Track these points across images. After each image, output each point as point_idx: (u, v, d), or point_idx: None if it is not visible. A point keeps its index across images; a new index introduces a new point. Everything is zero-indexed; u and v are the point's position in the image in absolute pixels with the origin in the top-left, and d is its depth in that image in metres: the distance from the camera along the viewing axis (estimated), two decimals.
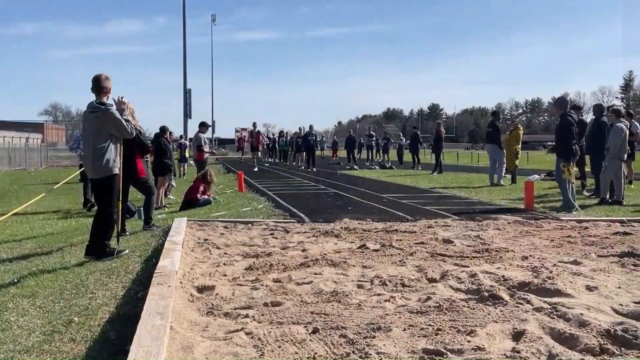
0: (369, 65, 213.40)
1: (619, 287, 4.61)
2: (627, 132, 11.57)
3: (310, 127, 27.45)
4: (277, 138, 39.00)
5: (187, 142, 27.22)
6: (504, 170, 16.68)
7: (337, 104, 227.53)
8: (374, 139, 33.90)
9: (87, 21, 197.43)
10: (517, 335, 3.42)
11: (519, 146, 17.19)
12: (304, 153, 27.61)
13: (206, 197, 12.03)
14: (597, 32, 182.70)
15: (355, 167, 27.90)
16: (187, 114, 41.63)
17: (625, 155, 11.54)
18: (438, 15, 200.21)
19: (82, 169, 10.57)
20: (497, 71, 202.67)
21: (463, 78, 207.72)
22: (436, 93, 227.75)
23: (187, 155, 25.72)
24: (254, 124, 27.83)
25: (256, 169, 25.92)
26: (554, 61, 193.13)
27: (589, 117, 17.24)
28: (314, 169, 25.58)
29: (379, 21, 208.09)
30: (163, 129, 13.09)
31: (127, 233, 8.20)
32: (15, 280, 5.59)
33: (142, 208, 9.16)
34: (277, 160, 37.87)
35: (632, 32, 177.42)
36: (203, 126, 16.24)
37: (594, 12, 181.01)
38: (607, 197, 11.36)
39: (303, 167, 27.35)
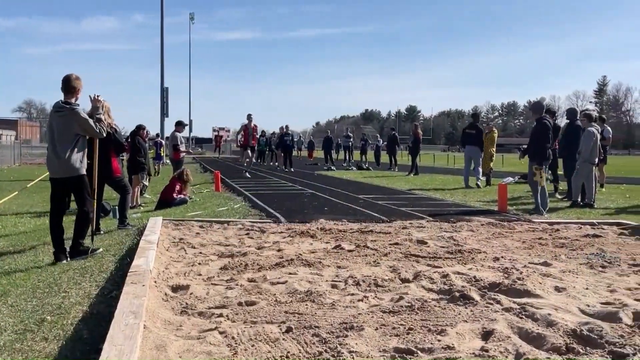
0: (348, 67, 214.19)
1: (587, 288, 4.71)
2: (599, 136, 11.78)
3: (287, 127, 27.45)
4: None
5: (163, 141, 27.09)
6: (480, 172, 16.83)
7: (315, 104, 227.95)
8: (351, 140, 34.03)
9: (63, 18, 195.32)
10: (486, 335, 3.49)
11: (494, 149, 17.40)
12: (282, 153, 27.60)
13: (182, 196, 11.99)
14: (572, 36, 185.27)
15: (332, 167, 27.97)
16: (164, 113, 41.37)
17: (597, 159, 11.76)
18: (417, 18, 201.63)
19: None
20: (474, 74, 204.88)
21: (440, 80, 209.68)
22: (414, 95, 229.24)
23: (162, 153, 25.59)
24: (249, 116, 20.04)
25: (248, 175, 20.32)
26: (530, 65, 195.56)
27: (563, 121, 17.46)
28: (291, 169, 25.59)
29: (358, 23, 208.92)
30: (139, 127, 13.02)
31: (102, 232, 8.16)
32: None
33: (116, 207, 9.11)
34: (254, 160, 37.76)
35: (607, 37, 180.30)
36: (179, 125, 16.16)
37: (570, 18, 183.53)
38: (579, 200, 11.57)
39: (280, 168, 27.33)
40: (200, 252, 6.43)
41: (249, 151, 20.68)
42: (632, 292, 4.61)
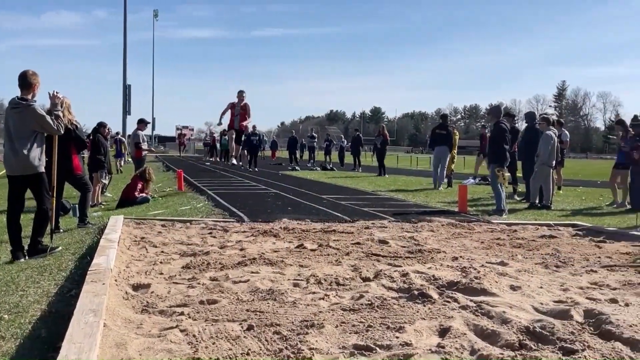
0: (313, 67, 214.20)
1: (541, 287, 4.86)
2: (556, 139, 12.09)
3: (254, 127, 27.37)
4: (218, 137, 38.88)
5: (125, 139, 26.82)
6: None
7: (280, 104, 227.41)
8: (316, 140, 34.13)
9: (22, 12, 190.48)
10: (443, 332, 3.58)
11: (455, 151, 17.64)
12: (246, 153, 27.51)
13: (144, 195, 11.90)
14: (534, 42, 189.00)
15: (296, 167, 28.01)
16: (126, 111, 40.91)
17: (554, 162, 12.06)
18: (381, 20, 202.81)
19: None
20: (437, 77, 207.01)
21: (404, 82, 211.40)
22: (378, 96, 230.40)
23: (123, 151, 25.31)
24: (240, 93, 15.32)
25: (234, 162, 16.46)
26: (492, 69, 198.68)
27: (523, 125, 17.80)
28: (256, 169, 25.54)
29: (324, 24, 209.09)
30: (100, 125, 12.86)
31: (61, 230, 8.04)
32: None
33: (76, 205, 8.99)
34: (217, 159, 37.66)
35: (566, 44, 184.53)
36: (141, 123, 16.02)
37: (531, 24, 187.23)
38: (536, 201, 11.85)
39: (244, 167, 27.23)
40: (162, 251, 6.39)
41: (237, 144, 15.74)
42: (584, 291, 4.77)
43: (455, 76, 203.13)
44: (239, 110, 15.44)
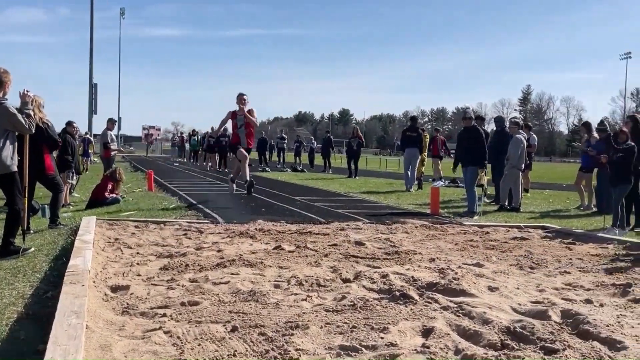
0: (281, 68, 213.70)
1: (518, 288, 4.95)
2: (525, 143, 12.31)
3: (225, 129, 27.21)
4: (188, 137, 38.64)
5: (92, 138, 26.46)
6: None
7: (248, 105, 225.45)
8: (286, 141, 34.11)
9: None
10: (427, 332, 3.63)
11: (425, 153, 17.80)
12: (217, 154, 27.41)
13: (114, 195, 11.73)
14: (499, 46, 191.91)
15: (266, 169, 27.94)
16: (92, 110, 40.30)
17: (523, 165, 12.28)
18: (349, 22, 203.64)
19: None
20: (404, 80, 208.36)
21: (372, 85, 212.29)
22: (346, 98, 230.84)
23: (90, 151, 24.96)
24: (241, 97, 11.97)
25: (235, 187, 12.65)
26: (458, 72, 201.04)
27: (489, 128, 18.10)
28: (226, 170, 25.39)
29: (291, 25, 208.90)
30: (68, 123, 12.62)
31: (32, 231, 7.88)
32: None
33: (47, 205, 8.82)
34: (185, 160, 37.43)
35: (532, 47, 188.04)
36: (110, 122, 15.82)
37: (496, 29, 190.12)
38: (506, 204, 12.05)
39: (213, 168, 27.08)
40: (138, 253, 6.33)
41: (242, 150, 11.95)
42: (559, 292, 4.89)
43: (422, 79, 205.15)
44: (243, 120, 11.76)
